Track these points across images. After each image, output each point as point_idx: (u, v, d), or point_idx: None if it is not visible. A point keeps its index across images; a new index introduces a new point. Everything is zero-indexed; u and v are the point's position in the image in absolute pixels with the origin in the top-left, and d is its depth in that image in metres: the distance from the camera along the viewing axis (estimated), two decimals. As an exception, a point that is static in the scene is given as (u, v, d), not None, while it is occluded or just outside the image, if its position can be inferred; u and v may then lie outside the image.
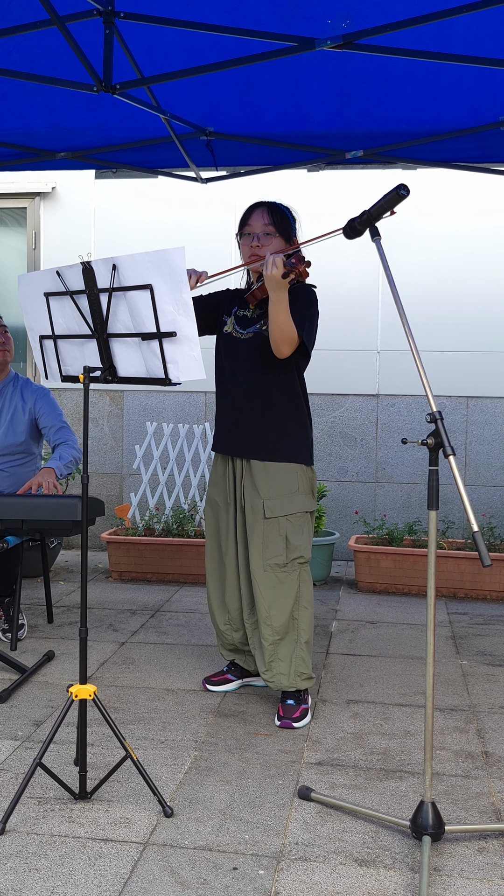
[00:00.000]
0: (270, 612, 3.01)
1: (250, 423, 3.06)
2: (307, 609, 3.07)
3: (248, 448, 3.06)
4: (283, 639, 3.03)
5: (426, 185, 5.77)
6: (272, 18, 2.92)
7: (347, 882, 2.04)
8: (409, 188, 2.24)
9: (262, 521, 3.01)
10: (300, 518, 3.05)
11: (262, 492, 3.02)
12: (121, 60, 3.21)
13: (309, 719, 3.03)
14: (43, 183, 6.21)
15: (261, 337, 3.04)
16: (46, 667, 3.56)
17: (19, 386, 4.04)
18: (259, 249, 3.03)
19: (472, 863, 2.13)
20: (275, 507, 3.01)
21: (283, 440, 3.05)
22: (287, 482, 3.03)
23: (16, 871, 2.06)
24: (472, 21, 2.90)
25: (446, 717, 3.11)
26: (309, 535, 3.09)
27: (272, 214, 3.04)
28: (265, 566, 3.01)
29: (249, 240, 3.06)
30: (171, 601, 4.75)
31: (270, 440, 3.04)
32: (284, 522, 3.02)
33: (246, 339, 3.08)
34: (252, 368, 3.05)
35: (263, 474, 3.03)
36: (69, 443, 3.98)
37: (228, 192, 5.89)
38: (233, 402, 3.11)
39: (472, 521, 1.99)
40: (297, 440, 3.08)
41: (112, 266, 2.36)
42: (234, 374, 3.09)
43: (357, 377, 5.95)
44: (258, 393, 3.05)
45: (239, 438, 3.08)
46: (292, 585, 3.03)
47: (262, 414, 3.05)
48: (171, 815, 2.33)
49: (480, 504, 5.83)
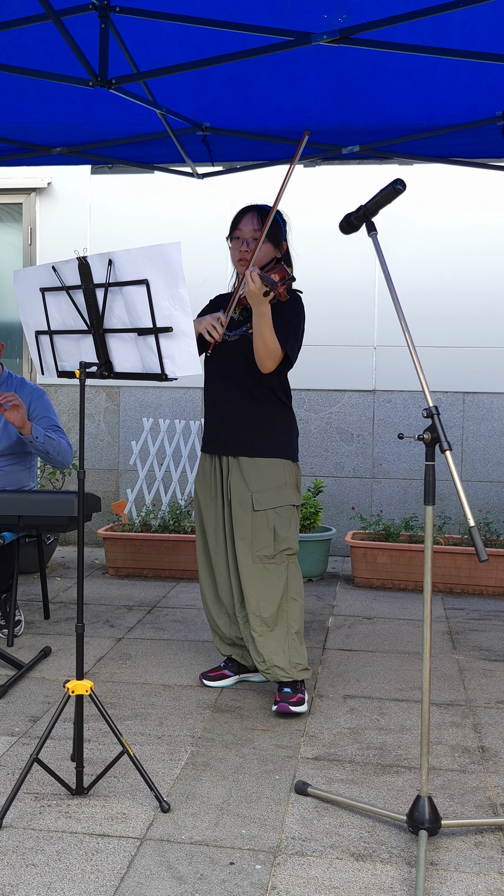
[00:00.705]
0: (260, 604, 3.04)
1: (238, 423, 3.11)
2: (296, 600, 3.09)
3: (236, 446, 3.11)
4: (272, 630, 3.05)
5: (423, 180, 5.76)
6: (268, 13, 2.91)
7: (344, 876, 2.04)
8: (405, 183, 2.24)
9: (250, 514, 3.05)
10: (288, 511, 3.10)
11: (251, 485, 3.06)
12: (116, 55, 3.20)
13: (306, 707, 3.03)
14: (39, 178, 6.19)
15: (246, 339, 3.08)
16: (43, 663, 3.56)
17: (14, 386, 3.99)
18: (247, 254, 3.09)
19: (469, 857, 2.13)
20: (263, 499, 3.05)
21: (270, 437, 3.11)
22: (275, 476, 3.08)
23: (13, 867, 2.06)
24: (469, 16, 2.90)
25: (443, 712, 3.11)
26: (296, 528, 3.14)
27: (262, 219, 3.09)
28: (254, 558, 3.05)
29: (239, 244, 3.12)
30: (168, 597, 4.75)
31: (258, 438, 3.10)
32: (273, 515, 3.06)
33: (232, 342, 3.12)
34: (238, 370, 3.10)
35: (252, 468, 3.08)
36: (64, 439, 3.96)
37: (225, 187, 5.88)
38: (220, 402, 3.17)
39: (469, 516, 1.99)
40: (283, 437, 3.14)
41: (108, 261, 2.36)
42: (221, 376, 3.15)
43: (353, 373, 5.95)
44: (244, 393, 3.11)
45: (227, 437, 3.13)
46: (281, 577, 3.07)
47: (249, 413, 3.10)
48: (167, 810, 2.33)
49: (477, 499, 5.84)
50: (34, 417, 3.94)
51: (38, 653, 3.59)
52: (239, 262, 3.12)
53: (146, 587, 4.99)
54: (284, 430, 3.15)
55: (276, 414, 3.13)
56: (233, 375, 3.12)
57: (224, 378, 3.14)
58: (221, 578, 3.22)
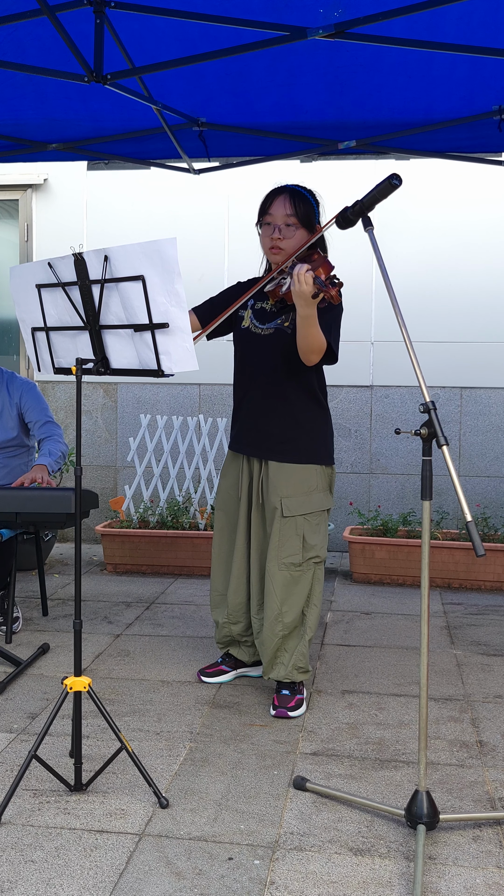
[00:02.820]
0: (283, 609, 2.99)
1: (269, 423, 3.01)
2: (316, 607, 3.06)
3: (267, 448, 3.02)
4: (290, 634, 3.03)
5: (419, 174, 5.75)
6: (264, 8, 2.90)
7: (343, 871, 2.05)
8: (401, 178, 2.24)
9: (279, 520, 2.98)
10: (317, 517, 3.02)
11: (280, 490, 2.98)
12: (112, 50, 3.19)
13: (304, 709, 3.03)
14: (35, 175, 6.18)
15: (281, 333, 2.97)
16: (41, 659, 3.56)
17: (5, 380, 3.99)
18: (280, 242, 2.93)
19: (467, 851, 2.14)
20: (292, 505, 2.97)
21: (302, 440, 3.00)
22: (305, 482, 2.99)
23: (11, 863, 2.06)
24: (465, 9, 2.89)
25: (441, 706, 3.12)
26: (325, 533, 3.06)
27: (294, 204, 2.93)
28: (280, 564, 2.99)
29: (270, 230, 2.95)
30: (166, 593, 4.75)
31: (289, 441, 2.99)
32: (302, 521, 2.99)
33: (266, 335, 3.00)
34: (272, 366, 2.99)
35: (281, 474, 2.99)
36: (54, 437, 3.96)
37: (221, 182, 5.87)
38: (252, 399, 3.06)
39: (466, 511, 1.99)
40: (317, 440, 3.03)
41: (104, 257, 2.35)
42: (254, 372, 3.03)
43: (351, 368, 5.94)
44: (278, 391, 3.00)
45: (257, 438, 3.04)
46: (306, 585, 3.02)
47: (282, 413, 3.00)
48: (166, 806, 2.33)
49: (475, 494, 5.84)
50: (25, 410, 3.96)
51: (37, 649, 3.59)
52: (271, 251, 2.96)
53: (144, 583, 4.99)
54: (318, 432, 3.03)
55: (309, 415, 3.01)
56: (266, 372, 2.99)
57: (257, 374, 3.02)
58: (235, 580, 3.17)
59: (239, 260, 5.93)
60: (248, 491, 3.11)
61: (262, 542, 3.10)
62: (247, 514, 3.13)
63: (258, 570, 3.11)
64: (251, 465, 3.10)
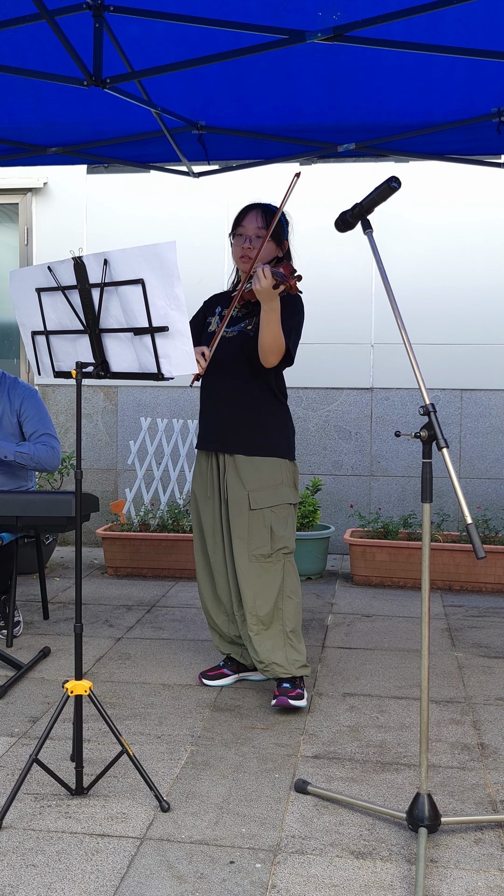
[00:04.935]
0: (256, 603, 3.04)
1: (234, 420, 3.10)
2: (291, 599, 3.09)
3: (233, 444, 3.10)
4: (268, 629, 3.06)
5: (419, 177, 5.76)
6: (262, 11, 2.90)
7: (344, 874, 2.04)
8: (400, 181, 2.24)
9: (246, 513, 3.05)
10: (284, 510, 3.10)
11: (248, 484, 3.06)
12: (111, 54, 3.19)
13: (306, 702, 3.04)
14: (34, 178, 6.19)
15: (244, 336, 3.08)
16: (42, 663, 3.56)
17: (6, 386, 3.93)
18: (250, 251, 3.07)
19: (469, 854, 2.14)
20: (260, 498, 3.05)
21: (267, 436, 3.10)
22: (271, 475, 3.08)
23: (13, 868, 2.06)
24: (463, 12, 2.90)
25: (442, 709, 3.11)
26: (293, 526, 3.14)
27: (266, 218, 3.08)
28: (250, 557, 3.05)
29: (241, 241, 3.11)
30: (167, 596, 4.75)
31: (254, 436, 3.09)
32: (269, 514, 3.06)
33: (230, 338, 3.11)
34: (235, 367, 3.09)
35: (248, 467, 3.07)
36: (47, 445, 3.86)
37: (221, 185, 5.87)
38: (216, 399, 3.15)
39: (466, 513, 1.99)
40: (280, 436, 3.13)
41: (104, 261, 2.35)
42: (218, 372, 3.13)
43: (351, 371, 5.95)
44: (241, 391, 3.10)
45: (223, 435, 3.12)
46: (277, 575, 3.07)
47: (246, 411, 3.09)
48: (167, 809, 2.33)
49: (475, 496, 5.84)
50: (23, 418, 3.90)
51: (38, 653, 3.59)
52: (241, 259, 3.11)
53: (145, 587, 4.99)
54: (281, 428, 3.14)
55: (272, 412, 3.12)
56: (230, 372, 3.10)
57: (221, 374, 3.13)
58: (220, 577, 3.22)
59: (239, 263, 5.93)
60: (218, 489, 3.18)
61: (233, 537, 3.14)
62: (220, 512, 3.18)
63: (234, 566, 3.15)
64: (218, 461, 3.16)
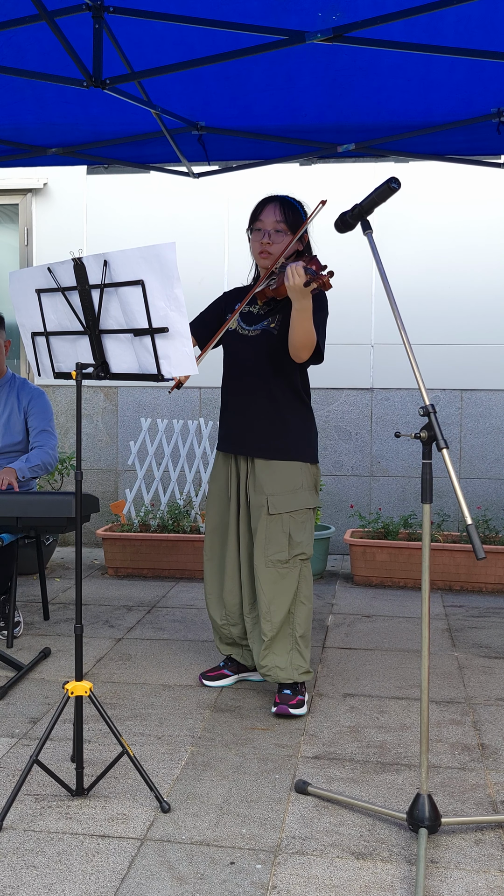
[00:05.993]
0: (271, 608, 3.02)
1: (256, 422, 3.05)
2: (304, 604, 3.07)
3: (253, 447, 3.06)
4: (279, 633, 3.04)
5: (419, 177, 5.76)
6: (262, 12, 2.90)
7: (344, 875, 2.04)
8: (400, 181, 2.24)
9: (265, 518, 3.01)
10: (303, 514, 3.06)
11: (266, 488, 3.02)
12: (111, 55, 3.20)
13: (305, 710, 3.03)
14: (34, 179, 6.19)
15: (268, 334, 3.02)
16: (43, 664, 3.56)
17: (16, 386, 4.04)
18: (269, 246, 3.00)
19: (469, 854, 2.14)
20: (278, 503, 3.01)
21: (288, 438, 3.05)
22: (291, 479, 3.03)
23: (13, 868, 2.06)
24: (463, 13, 2.90)
25: (442, 709, 3.11)
26: (311, 531, 3.10)
27: (284, 211, 3.01)
28: (267, 562, 3.02)
29: (260, 235, 3.03)
30: (168, 597, 4.75)
31: (275, 438, 3.04)
32: (288, 519, 3.02)
33: (253, 336, 3.05)
34: (259, 366, 3.04)
35: (267, 471, 3.03)
36: (45, 447, 3.96)
37: (221, 186, 5.87)
38: (238, 400, 3.10)
39: (466, 513, 1.99)
40: (302, 438, 3.08)
41: (104, 262, 2.35)
42: (242, 372, 3.07)
43: (351, 371, 5.95)
44: (264, 391, 3.05)
45: (244, 437, 3.08)
46: (293, 581, 3.04)
47: (267, 413, 3.05)
48: (168, 810, 2.33)
49: (475, 497, 5.84)
50: (29, 416, 4.02)
51: (38, 654, 3.59)
52: (260, 255, 3.03)
53: (145, 587, 4.99)
54: (303, 431, 3.08)
55: (295, 414, 3.07)
56: (253, 371, 3.04)
57: (244, 374, 3.07)
58: (229, 580, 3.19)
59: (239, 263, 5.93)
60: (237, 491, 3.15)
61: (251, 541, 3.13)
62: (237, 514, 3.15)
63: (248, 569, 3.14)
64: (238, 464, 3.13)
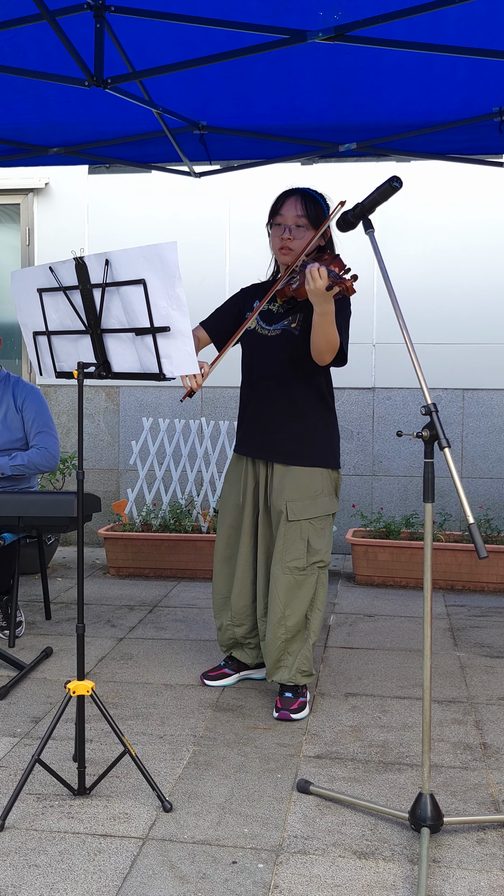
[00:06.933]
0: (286, 613, 2.99)
1: (276, 426, 3.00)
2: (320, 611, 3.05)
3: (273, 451, 3.01)
4: (293, 637, 3.02)
5: (420, 176, 5.76)
6: (263, 11, 2.90)
7: (347, 875, 2.04)
8: (401, 180, 2.24)
9: (284, 524, 2.97)
10: (322, 521, 3.02)
11: (286, 494, 2.97)
12: (112, 55, 3.20)
13: (307, 712, 3.03)
14: (36, 179, 6.19)
15: (288, 334, 2.96)
16: (44, 663, 3.56)
17: (11, 384, 4.03)
18: (290, 242, 2.92)
19: (471, 854, 2.13)
20: (298, 509, 2.96)
21: (309, 443, 3.00)
22: (311, 485, 2.99)
23: (15, 868, 2.06)
24: (465, 11, 2.89)
25: (444, 709, 3.11)
26: (329, 537, 3.06)
27: (306, 205, 2.93)
28: (284, 568, 2.98)
29: (280, 231, 2.95)
30: (169, 596, 4.75)
31: (296, 443, 2.99)
32: (307, 525, 2.98)
33: (273, 337, 2.99)
34: (279, 368, 2.98)
35: (287, 477, 2.99)
36: (41, 448, 3.92)
37: (222, 186, 5.87)
38: (259, 401, 3.05)
39: (468, 513, 1.99)
40: (323, 442, 3.03)
41: (105, 261, 2.35)
42: (262, 373, 3.02)
43: (353, 370, 5.94)
44: (285, 393, 2.99)
45: (263, 440, 3.03)
46: (309, 589, 3.01)
47: (287, 416, 3.00)
48: (169, 809, 2.33)
49: (477, 496, 5.84)
50: (25, 417, 3.99)
51: (40, 653, 3.59)
52: (281, 251, 2.95)
53: (147, 587, 4.99)
54: (325, 434, 3.02)
55: (317, 417, 3.01)
56: (273, 373, 2.98)
57: (263, 376, 3.01)
58: (239, 582, 3.16)
59: (240, 262, 5.94)
60: (253, 494, 3.11)
61: (269, 545, 3.09)
62: (252, 518, 3.12)
63: (265, 573, 3.10)
64: (257, 468, 3.09)
